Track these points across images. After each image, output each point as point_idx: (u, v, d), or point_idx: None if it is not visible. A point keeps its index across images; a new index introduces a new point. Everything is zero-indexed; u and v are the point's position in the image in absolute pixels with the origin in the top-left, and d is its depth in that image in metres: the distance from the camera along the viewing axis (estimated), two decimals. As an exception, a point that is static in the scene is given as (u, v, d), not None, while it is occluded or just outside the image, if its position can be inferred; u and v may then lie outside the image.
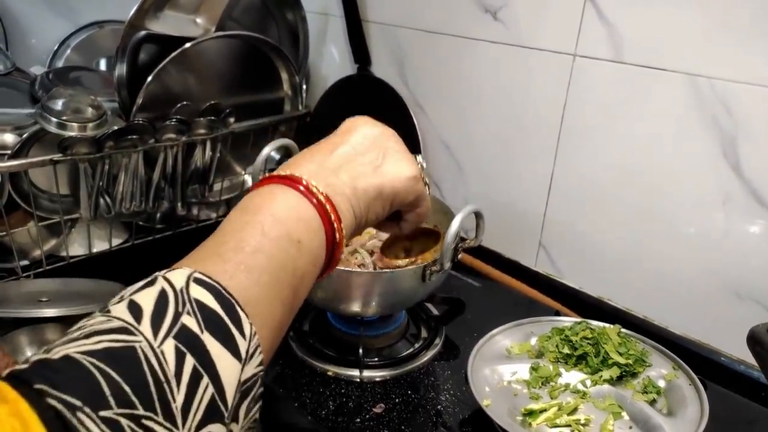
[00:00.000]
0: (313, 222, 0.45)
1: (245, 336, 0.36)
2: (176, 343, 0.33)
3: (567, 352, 0.74)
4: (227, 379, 0.34)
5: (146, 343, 0.32)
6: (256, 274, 0.39)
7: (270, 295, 0.40)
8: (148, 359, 0.32)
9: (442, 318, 0.91)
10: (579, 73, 0.89)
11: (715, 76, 0.76)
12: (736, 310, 0.81)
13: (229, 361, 0.35)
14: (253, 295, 0.38)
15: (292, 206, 0.44)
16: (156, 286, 0.36)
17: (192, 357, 0.33)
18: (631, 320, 0.89)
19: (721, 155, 0.78)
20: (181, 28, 1.01)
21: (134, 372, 0.31)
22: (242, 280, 0.38)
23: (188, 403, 0.32)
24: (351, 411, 0.73)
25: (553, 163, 0.95)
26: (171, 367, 0.32)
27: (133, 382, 0.30)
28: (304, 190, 0.45)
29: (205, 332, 0.34)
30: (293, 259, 0.42)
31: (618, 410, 0.68)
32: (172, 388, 0.32)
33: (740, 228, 0.79)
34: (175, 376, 0.32)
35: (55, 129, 0.88)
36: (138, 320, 0.33)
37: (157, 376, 0.31)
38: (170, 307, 0.34)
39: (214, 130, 1.03)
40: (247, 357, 0.36)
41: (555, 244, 0.99)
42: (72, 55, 1.25)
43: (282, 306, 0.41)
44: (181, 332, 0.33)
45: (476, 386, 0.69)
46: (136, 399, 0.30)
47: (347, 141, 0.52)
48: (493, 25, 0.97)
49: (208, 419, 0.33)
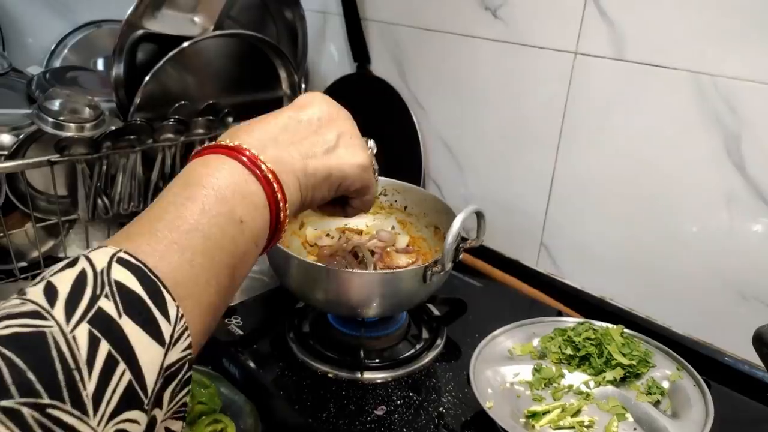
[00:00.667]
0: (258, 199, 0.43)
1: (170, 320, 0.34)
2: (90, 328, 0.31)
3: (570, 353, 0.74)
4: (147, 365, 0.33)
5: (57, 329, 0.30)
6: (189, 254, 0.37)
7: (204, 276, 0.38)
8: (58, 345, 0.30)
9: (443, 319, 0.90)
10: (580, 71, 0.88)
11: (718, 73, 0.75)
12: (740, 309, 0.80)
13: (150, 346, 0.33)
14: (184, 277, 0.37)
15: (237, 182, 0.42)
16: (77, 267, 0.34)
17: (107, 343, 0.31)
18: (634, 320, 0.88)
19: (724, 153, 0.77)
20: (179, 27, 1.01)
21: (41, 359, 0.29)
22: (173, 261, 0.37)
23: (101, 390, 0.31)
24: (352, 413, 0.72)
25: (554, 162, 0.94)
26: (83, 354, 0.30)
27: (39, 369, 0.29)
28: (249, 163, 0.43)
29: (124, 316, 0.33)
30: (233, 239, 0.40)
31: (622, 412, 0.67)
32: (83, 375, 0.30)
33: (744, 227, 0.78)
34: (87, 363, 0.30)
35: (52, 129, 0.87)
36: (52, 304, 0.32)
37: (67, 364, 0.30)
38: (88, 289, 0.33)
39: (213, 130, 1.02)
40: (172, 341, 0.34)
41: (557, 244, 0.98)
42: (69, 55, 1.24)
43: (218, 287, 0.39)
44: (96, 317, 0.32)
45: (479, 388, 0.68)
46: (41, 387, 0.29)
47: (302, 116, 0.50)
48: (493, 22, 0.96)
49: (125, 406, 0.32)
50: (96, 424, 0.30)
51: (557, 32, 0.89)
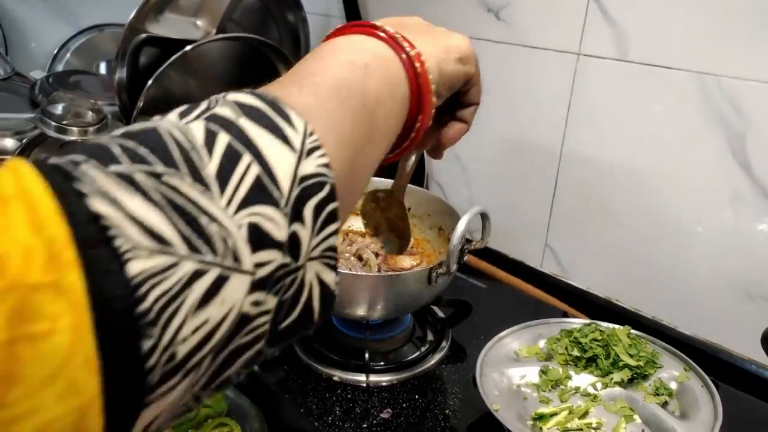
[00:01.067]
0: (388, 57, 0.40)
1: (296, 129, 0.31)
2: (206, 123, 0.29)
3: (577, 355, 0.73)
4: (277, 163, 0.29)
5: (170, 123, 0.28)
6: (310, 88, 0.35)
7: (332, 105, 0.35)
8: (170, 132, 0.27)
9: (448, 321, 0.90)
10: (583, 72, 0.88)
11: (722, 73, 0.75)
12: (746, 309, 0.80)
13: (277, 146, 0.30)
14: (308, 102, 0.33)
15: (356, 39, 0.40)
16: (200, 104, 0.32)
17: (227, 134, 0.29)
18: (640, 320, 0.88)
19: (729, 153, 0.77)
20: (181, 31, 1.01)
21: (151, 140, 0.27)
22: (293, 92, 0.34)
23: (225, 173, 0.27)
24: (358, 416, 0.72)
25: (558, 163, 0.94)
26: (199, 139, 0.28)
27: (151, 145, 0.26)
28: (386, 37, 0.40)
29: (243, 118, 0.30)
30: (359, 80, 0.37)
31: (630, 413, 0.67)
32: (201, 155, 0.27)
33: (750, 226, 0.78)
34: (205, 145, 0.28)
35: (55, 133, 0.88)
36: (163, 116, 0.30)
37: (181, 144, 0.27)
38: (202, 104, 0.31)
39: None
40: (303, 150, 0.30)
41: (561, 244, 0.98)
42: (72, 59, 1.24)
43: (353, 119, 0.35)
44: (212, 117, 0.29)
45: (485, 390, 0.68)
46: (155, 158, 0.26)
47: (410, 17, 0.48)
48: (496, 24, 0.96)
49: (256, 198, 0.28)
50: (224, 205, 0.27)
51: (560, 33, 0.89)
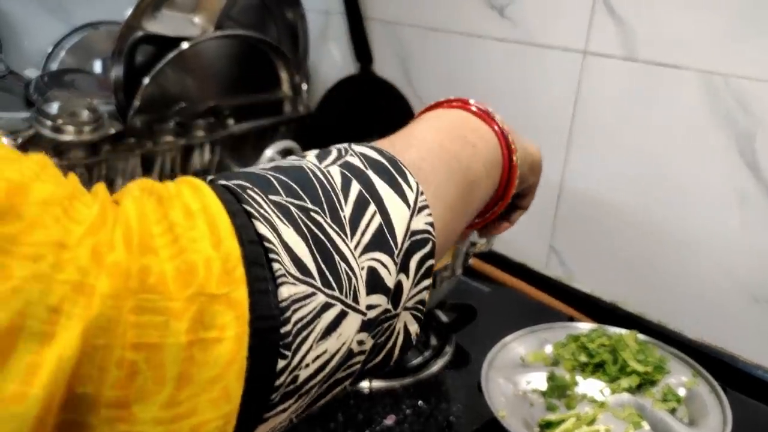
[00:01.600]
0: (487, 134, 0.43)
1: (411, 187, 0.34)
2: (342, 169, 0.32)
3: (584, 360, 0.72)
4: (395, 216, 0.32)
5: (313, 164, 0.32)
6: (424, 154, 0.37)
7: (441, 172, 0.37)
8: (314, 173, 0.31)
9: (452, 325, 0.88)
10: (589, 71, 0.86)
11: (730, 73, 0.74)
12: (753, 312, 0.79)
13: (396, 201, 0.32)
14: (421, 166, 0.36)
15: (466, 117, 0.44)
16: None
17: (358, 183, 0.32)
18: (646, 325, 0.87)
19: (737, 154, 0.76)
20: (178, 28, 0.99)
21: (302, 177, 0.31)
22: (411, 154, 0.36)
23: (356, 218, 0.30)
24: (361, 423, 0.70)
25: (563, 164, 0.93)
26: (338, 183, 0.31)
27: (301, 183, 0.30)
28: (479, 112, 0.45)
29: (370, 170, 0.33)
30: (467, 157, 0.40)
31: (638, 420, 0.65)
32: (339, 199, 0.31)
33: (757, 228, 0.76)
34: (342, 190, 0.31)
35: (50, 133, 0.86)
36: (304, 156, 0.34)
37: (324, 185, 0.31)
38: (333, 152, 0.34)
39: (213, 133, 1.00)
40: (415, 207, 0.33)
41: (566, 247, 0.96)
42: (66, 57, 1.22)
43: (455, 189, 0.38)
44: (345, 164, 0.33)
45: (491, 396, 0.67)
46: (304, 195, 0.30)
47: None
48: (500, 22, 0.94)
49: (377, 246, 0.31)
50: (353, 247, 0.30)
51: (566, 31, 0.87)
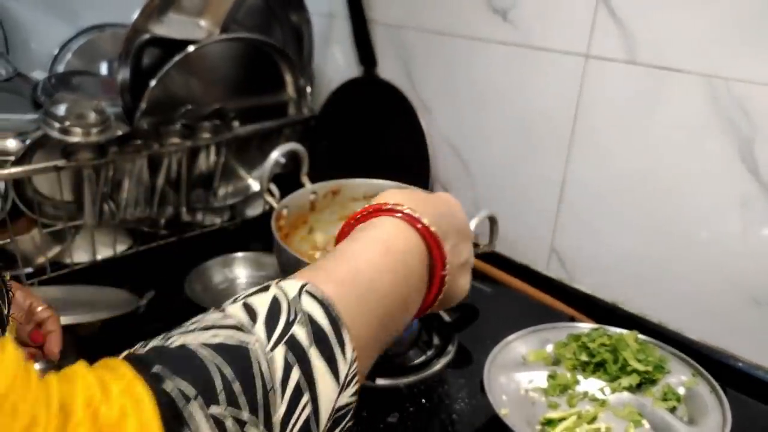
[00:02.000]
0: (423, 286, 0.45)
1: (347, 360, 0.35)
2: (286, 351, 0.33)
3: (585, 360, 0.73)
4: (324, 402, 0.34)
5: (258, 346, 0.32)
6: (369, 318, 0.39)
7: (373, 339, 0.39)
8: (259, 362, 0.31)
9: (454, 325, 0.89)
10: (591, 75, 0.87)
11: (731, 77, 0.75)
12: (753, 315, 0.79)
13: (329, 383, 0.34)
14: (360, 332, 0.37)
15: (422, 275, 0.45)
16: (269, 292, 0.36)
17: (298, 370, 0.33)
18: (646, 325, 0.87)
19: (738, 158, 0.77)
20: (184, 31, 1.00)
21: (246, 372, 0.31)
22: (352, 309, 0.38)
23: (287, 417, 0.32)
24: (365, 420, 0.71)
25: (564, 166, 0.94)
26: (278, 376, 0.32)
27: (244, 382, 0.30)
28: (439, 263, 0.45)
29: (313, 346, 0.34)
30: (397, 321, 0.42)
31: (638, 418, 0.66)
32: (277, 397, 0.31)
33: (757, 231, 0.77)
34: (281, 384, 0.32)
35: (58, 135, 0.87)
36: (253, 321, 0.34)
37: (265, 382, 0.31)
38: (283, 313, 0.34)
39: (219, 135, 1.01)
40: (345, 383, 0.35)
41: (567, 249, 0.97)
42: (73, 60, 1.23)
43: (379, 347, 0.41)
44: (291, 341, 0.33)
45: (493, 395, 0.67)
46: (245, 400, 0.30)
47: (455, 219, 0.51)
48: (502, 25, 0.95)
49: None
50: None
51: (568, 35, 0.88)
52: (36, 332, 0.62)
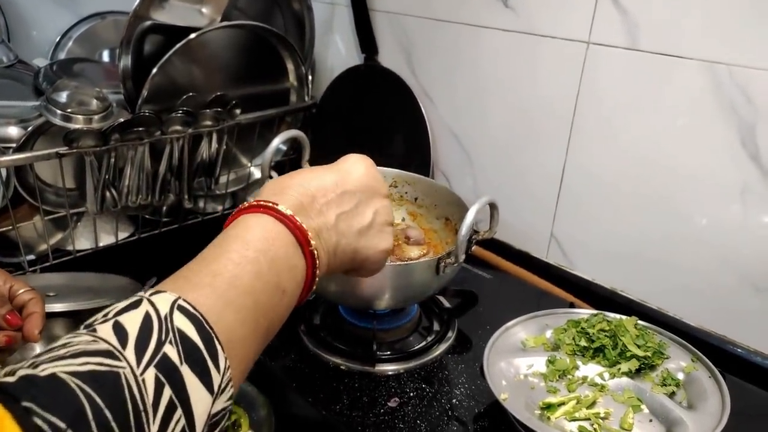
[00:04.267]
0: (299, 274, 0.46)
1: (219, 370, 0.37)
2: (156, 372, 0.34)
3: (584, 345, 0.73)
4: (198, 413, 0.35)
5: (129, 370, 0.33)
6: (242, 315, 0.40)
7: (250, 336, 0.41)
8: (130, 387, 0.32)
9: (454, 311, 0.90)
10: (593, 62, 0.87)
11: (734, 63, 0.75)
12: (753, 301, 0.80)
13: (203, 395, 0.36)
14: (234, 335, 0.39)
15: (288, 254, 0.46)
16: (140, 308, 0.36)
17: (170, 388, 0.34)
18: (646, 312, 0.88)
19: (739, 144, 0.77)
20: (186, 18, 1.00)
21: (116, 399, 0.32)
22: (228, 319, 0.39)
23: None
24: (365, 405, 0.72)
25: (565, 153, 0.94)
26: (150, 397, 0.33)
27: (115, 409, 0.31)
28: (301, 237, 0.46)
29: (184, 364, 0.35)
30: (275, 306, 0.44)
31: (637, 403, 0.67)
32: (149, 418, 0.32)
33: (758, 218, 0.77)
34: (153, 406, 0.33)
35: (60, 121, 0.87)
36: (123, 345, 0.34)
37: (137, 405, 0.32)
38: (154, 333, 0.35)
39: (221, 122, 1.01)
40: (219, 391, 0.37)
41: (567, 235, 0.98)
42: (74, 47, 1.23)
43: (256, 345, 0.43)
44: (162, 362, 0.34)
45: (493, 380, 0.68)
46: (116, 426, 0.31)
47: (347, 184, 0.52)
48: (503, 12, 0.95)
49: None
50: None
51: (569, 22, 0.88)
52: (12, 315, 0.61)
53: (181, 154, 0.99)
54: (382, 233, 0.55)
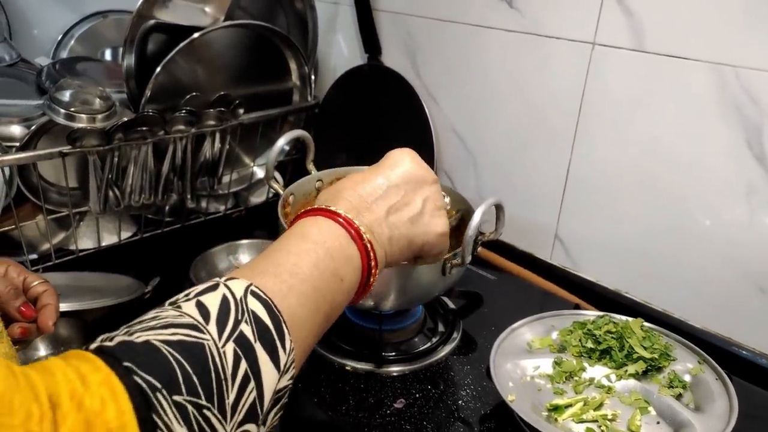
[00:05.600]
0: (356, 263, 0.51)
1: (286, 351, 0.41)
2: (235, 347, 0.38)
3: (590, 347, 0.73)
4: (268, 387, 0.39)
5: (212, 343, 0.37)
6: (303, 299, 0.44)
7: (310, 319, 0.45)
8: (213, 357, 0.37)
9: (459, 312, 0.89)
10: (598, 63, 0.87)
11: (740, 64, 0.75)
12: (758, 303, 0.80)
13: (272, 371, 0.40)
14: (297, 318, 0.43)
15: (342, 245, 0.50)
16: (219, 291, 0.41)
17: (245, 362, 0.38)
18: (650, 313, 0.88)
19: (745, 146, 0.77)
20: (189, 17, 1.00)
21: (202, 366, 0.36)
22: (292, 302, 0.43)
23: (237, 401, 0.37)
24: (371, 406, 0.72)
25: (570, 155, 0.94)
26: (229, 368, 0.37)
27: (201, 374, 0.35)
28: (354, 232, 0.51)
29: (258, 342, 0.39)
30: (334, 292, 0.48)
31: (645, 405, 0.67)
32: (228, 386, 0.37)
33: (764, 220, 0.77)
34: (231, 376, 0.37)
35: (63, 120, 0.87)
36: (206, 320, 0.38)
37: (219, 374, 0.36)
38: (232, 313, 0.39)
39: (224, 122, 1.01)
40: (285, 369, 0.41)
41: (571, 237, 0.97)
42: (76, 46, 1.23)
43: (316, 330, 0.47)
44: (239, 338, 0.39)
45: (499, 381, 0.68)
46: (201, 390, 0.35)
47: (393, 178, 0.57)
48: (508, 12, 0.95)
49: (248, 419, 0.38)
50: (229, 429, 0.37)
51: (574, 22, 0.88)
52: (26, 306, 0.61)
53: (184, 153, 0.99)
54: (434, 218, 0.58)
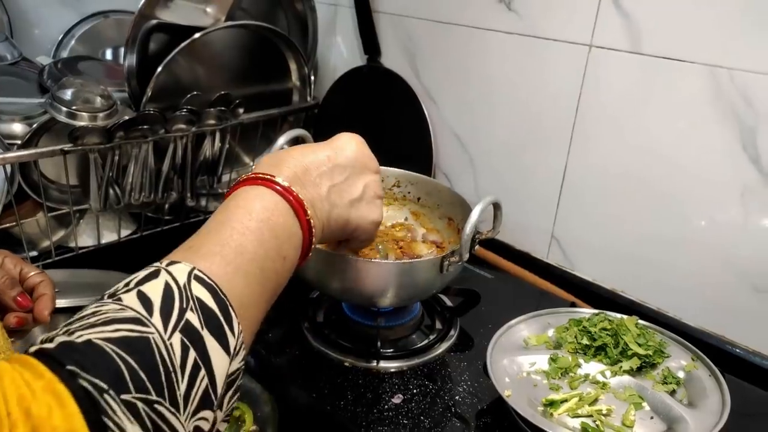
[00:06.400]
0: (298, 240, 0.50)
1: (234, 334, 0.40)
2: (182, 337, 0.37)
3: (586, 343, 0.74)
4: (219, 373, 0.39)
5: (158, 336, 0.36)
6: (249, 279, 0.44)
7: (256, 299, 0.45)
8: (159, 351, 0.35)
9: (456, 310, 0.90)
10: (595, 65, 0.88)
11: (735, 67, 0.76)
12: (752, 302, 0.81)
13: (222, 356, 0.39)
14: (244, 299, 0.43)
15: (287, 223, 0.49)
16: (160, 278, 0.39)
17: (194, 351, 0.37)
18: (646, 312, 0.89)
19: (740, 147, 0.78)
20: (191, 18, 1.00)
21: (148, 361, 0.35)
22: (237, 285, 0.43)
23: (189, 391, 0.36)
24: (369, 401, 0.72)
25: (566, 155, 0.95)
26: (177, 360, 0.36)
27: (148, 370, 0.34)
28: (298, 207, 0.50)
29: (205, 329, 0.38)
30: (278, 272, 0.48)
31: (639, 401, 0.67)
32: (178, 378, 0.36)
33: (758, 220, 0.78)
34: (180, 367, 0.36)
35: (65, 118, 0.87)
36: (150, 313, 0.37)
37: (167, 367, 0.35)
38: (176, 302, 0.38)
39: (224, 121, 1.02)
40: (235, 353, 0.40)
41: (568, 236, 0.98)
42: (76, 45, 1.23)
43: (262, 308, 0.46)
44: (185, 328, 0.38)
45: (496, 377, 0.68)
46: (150, 385, 0.34)
47: (339, 159, 0.57)
48: (506, 15, 0.96)
49: (202, 406, 0.37)
50: (184, 420, 0.36)
51: (572, 25, 0.89)
52: (22, 296, 0.61)
53: (184, 152, 0.99)
54: (371, 205, 0.60)
